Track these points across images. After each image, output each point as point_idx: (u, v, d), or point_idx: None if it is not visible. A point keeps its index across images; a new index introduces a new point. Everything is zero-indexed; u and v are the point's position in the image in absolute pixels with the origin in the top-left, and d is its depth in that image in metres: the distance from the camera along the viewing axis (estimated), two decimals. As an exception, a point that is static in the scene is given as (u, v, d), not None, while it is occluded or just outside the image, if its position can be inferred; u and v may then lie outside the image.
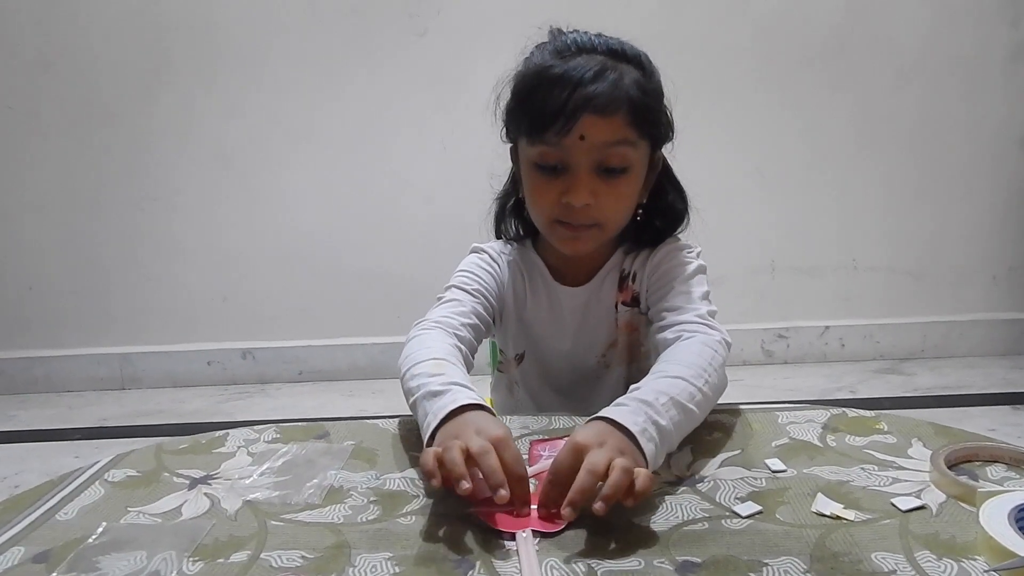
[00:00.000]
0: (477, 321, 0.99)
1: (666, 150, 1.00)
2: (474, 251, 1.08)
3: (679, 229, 1.05)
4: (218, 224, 2.72)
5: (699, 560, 0.60)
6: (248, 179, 2.68)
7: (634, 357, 1.07)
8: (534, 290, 1.06)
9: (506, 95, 0.95)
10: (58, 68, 2.58)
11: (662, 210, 1.02)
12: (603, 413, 0.73)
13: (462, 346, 0.93)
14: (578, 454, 0.67)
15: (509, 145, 1.01)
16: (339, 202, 2.69)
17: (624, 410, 0.72)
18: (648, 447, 0.70)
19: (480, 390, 1.20)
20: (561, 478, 0.67)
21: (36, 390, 2.81)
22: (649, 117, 0.90)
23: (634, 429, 0.70)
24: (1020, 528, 0.58)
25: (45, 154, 2.65)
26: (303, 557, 0.62)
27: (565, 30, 0.94)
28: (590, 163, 0.89)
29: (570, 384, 1.08)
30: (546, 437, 0.85)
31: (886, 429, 0.84)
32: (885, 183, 2.68)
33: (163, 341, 2.82)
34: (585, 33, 0.92)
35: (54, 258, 2.74)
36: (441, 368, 0.82)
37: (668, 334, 0.91)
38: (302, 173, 2.67)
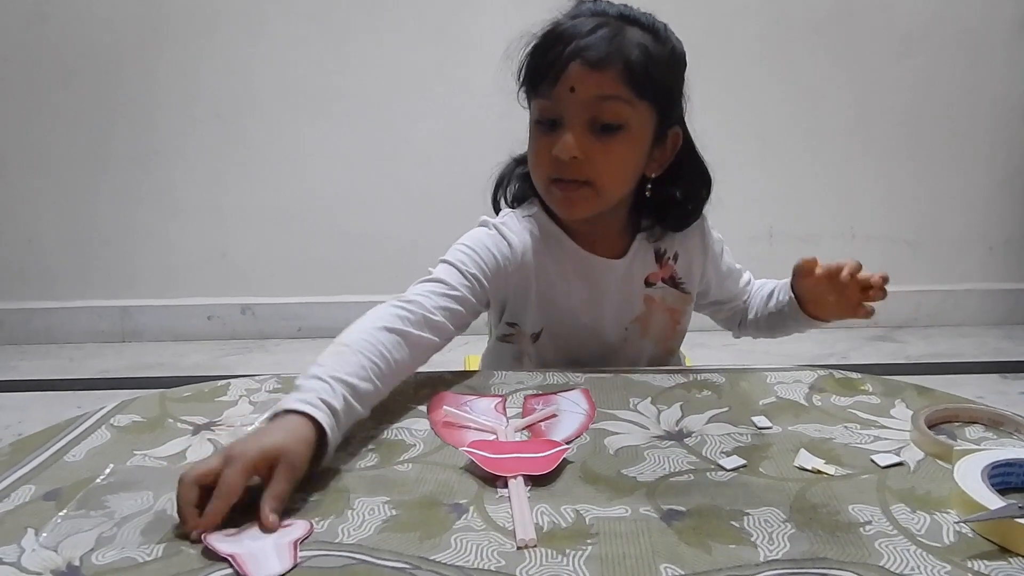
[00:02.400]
0: (460, 307, 0.90)
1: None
2: (483, 225, 0.99)
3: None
4: (218, 180, 2.72)
5: (683, 509, 0.62)
6: (248, 136, 2.68)
7: (666, 336, 1.06)
8: (557, 261, 0.99)
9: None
10: (55, 20, 2.56)
11: (683, 191, 1.00)
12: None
13: (415, 332, 0.84)
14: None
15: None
16: (339, 161, 2.70)
17: None
18: None
19: (475, 349, 1.22)
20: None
21: (36, 341, 2.83)
22: (650, 80, 0.89)
23: None
24: (992, 484, 0.61)
25: (44, 107, 2.64)
26: (304, 499, 0.65)
27: None
28: (583, 118, 0.89)
29: (587, 356, 1.03)
30: (540, 393, 0.87)
31: (871, 390, 0.86)
32: (884, 152, 2.69)
33: (163, 295, 2.84)
34: (609, 2, 0.93)
35: (54, 211, 2.75)
36: (328, 359, 0.76)
37: (753, 290, 1.15)
38: (303, 131, 2.67)
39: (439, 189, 2.62)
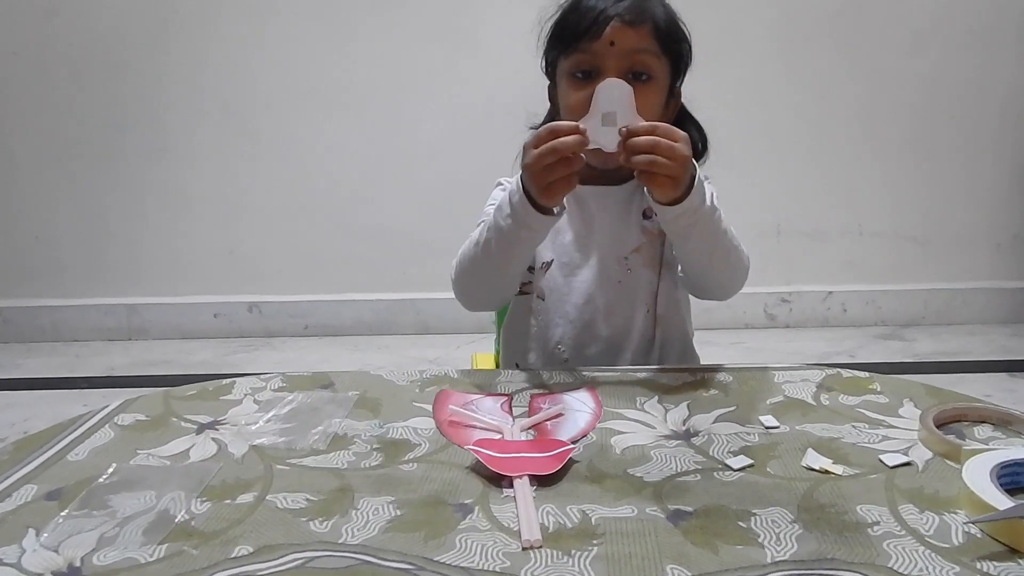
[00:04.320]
0: None
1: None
2: (499, 185, 1.12)
3: (701, 162, 1.09)
4: (225, 177, 2.72)
5: (690, 509, 0.62)
6: (256, 133, 2.68)
7: (664, 264, 1.10)
8: None
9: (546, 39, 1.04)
10: (64, 15, 2.57)
11: None
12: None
13: None
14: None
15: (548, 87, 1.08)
16: (347, 157, 2.70)
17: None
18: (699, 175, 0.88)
19: (483, 347, 1.23)
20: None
21: (43, 339, 2.84)
22: (671, 38, 1.01)
23: (698, 171, 0.88)
24: (1001, 484, 0.60)
25: (53, 102, 2.65)
26: (307, 499, 0.65)
27: None
28: (619, 69, 0.97)
29: (595, 290, 1.08)
30: (547, 392, 0.87)
31: (879, 390, 0.85)
32: (893, 149, 2.67)
33: (170, 293, 2.84)
34: None
35: (61, 208, 2.76)
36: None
37: None
38: (310, 128, 2.67)
39: (447, 186, 2.61)
